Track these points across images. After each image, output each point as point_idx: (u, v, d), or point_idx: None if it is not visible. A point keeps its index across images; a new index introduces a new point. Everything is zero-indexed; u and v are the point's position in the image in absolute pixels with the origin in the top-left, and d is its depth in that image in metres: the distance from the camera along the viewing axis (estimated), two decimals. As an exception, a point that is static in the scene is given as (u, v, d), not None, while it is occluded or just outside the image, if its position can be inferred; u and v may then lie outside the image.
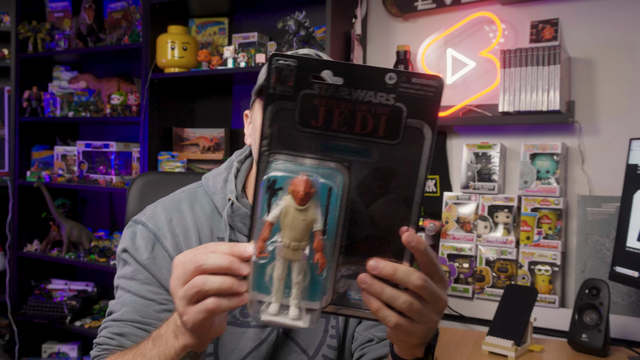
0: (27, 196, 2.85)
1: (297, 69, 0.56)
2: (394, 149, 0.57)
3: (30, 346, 2.85)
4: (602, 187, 1.83)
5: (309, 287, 0.58)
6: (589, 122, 1.87)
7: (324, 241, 0.57)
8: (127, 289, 0.93)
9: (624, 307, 1.71)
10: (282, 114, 0.57)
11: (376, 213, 0.59)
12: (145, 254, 0.93)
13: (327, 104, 0.56)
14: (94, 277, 2.93)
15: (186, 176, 1.41)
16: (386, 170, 0.58)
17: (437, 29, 2.09)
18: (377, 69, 0.56)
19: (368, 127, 0.56)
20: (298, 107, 0.56)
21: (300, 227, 0.56)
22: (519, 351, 1.48)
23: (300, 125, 0.57)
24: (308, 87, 0.56)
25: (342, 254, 0.60)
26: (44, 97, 2.83)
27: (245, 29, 2.52)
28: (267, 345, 0.94)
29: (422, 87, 0.56)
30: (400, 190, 0.58)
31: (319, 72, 0.56)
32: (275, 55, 0.56)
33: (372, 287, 0.58)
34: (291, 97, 0.56)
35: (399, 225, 0.58)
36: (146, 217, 0.97)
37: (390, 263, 0.58)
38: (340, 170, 0.58)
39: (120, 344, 0.88)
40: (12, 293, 2.81)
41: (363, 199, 0.59)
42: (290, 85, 0.56)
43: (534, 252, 1.84)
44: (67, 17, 2.90)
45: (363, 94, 0.56)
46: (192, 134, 2.51)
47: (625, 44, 1.82)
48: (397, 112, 0.56)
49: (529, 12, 1.94)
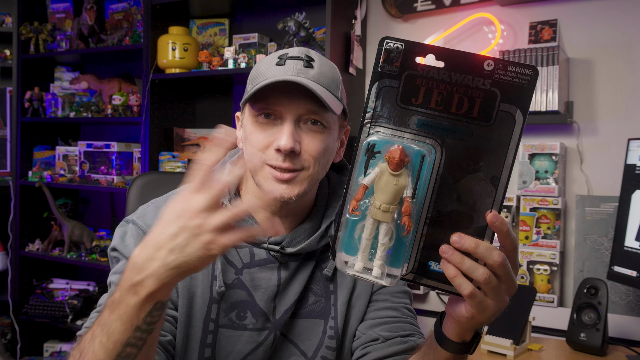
0: (29, 196, 2.85)
1: (404, 51, 0.61)
2: (486, 131, 0.61)
3: (32, 345, 2.85)
4: (601, 187, 1.83)
5: (393, 251, 0.63)
6: (587, 122, 1.87)
7: (412, 205, 0.61)
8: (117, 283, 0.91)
9: (622, 307, 1.71)
10: (386, 91, 0.62)
11: (463, 189, 0.62)
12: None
13: (428, 85, 0.61)
14: (96, 277, 2.93)
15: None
16: (477, 149, 0.61)
17: (437, 29, 2.09)
18: (477, 56, 0.60)
19: (463, 108, 0.60)
20: (401, 85, 0.61)
21: (391, 191, 0.60)
22: (518, 350, 1.48)
23: (401, 102, 0.62)
24: (412, 69, 0.61)
25: (427, 225, 0.63)
26: (46, 98, 2.83)
27: (245, 29, 2.52)
28: (265, 348, 0.93)
29: (517, 74, 0.59)
30: (488, 169, 0.61)
31: (424, 55, 0.60)
32: (386, 38, 0.61)
33: (453, 257, 0.60)
34: (396, 76, 0.61)
35: (484, 203, 0.62)
36: (137, 216, 0.96)
37: (473, 238, 0.60)
38: (434, 146, 0.61)
39: None
40: (14, 292, 2.81)
41: (452, 175, 0.62)
42: (397, 65, 0.61)
43: (533, 252, 1.84)
44: (69, 18, 2.90)
45: (462, 78, 0.60)
46: (193, 134, 2.51)
47: (624, 45, 1.82)
48: (491, 96, 0.60)
49: (528, 13, 1.94)
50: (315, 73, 0.87)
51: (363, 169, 0.61)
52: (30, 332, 2.84)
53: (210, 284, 0.92)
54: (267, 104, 0.87)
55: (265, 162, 0.87)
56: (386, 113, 0.62)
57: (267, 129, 0.87)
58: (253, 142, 0.89)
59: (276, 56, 0.89)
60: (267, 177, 0.88)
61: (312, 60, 0.88)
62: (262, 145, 0.87)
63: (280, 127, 0.86)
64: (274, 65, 0.87)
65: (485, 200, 0.62)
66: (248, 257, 0.94)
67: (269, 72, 0.87)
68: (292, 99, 0.85)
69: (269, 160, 0.87)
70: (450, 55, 0.60)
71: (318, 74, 0.87)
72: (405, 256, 0.63)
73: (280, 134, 0.85)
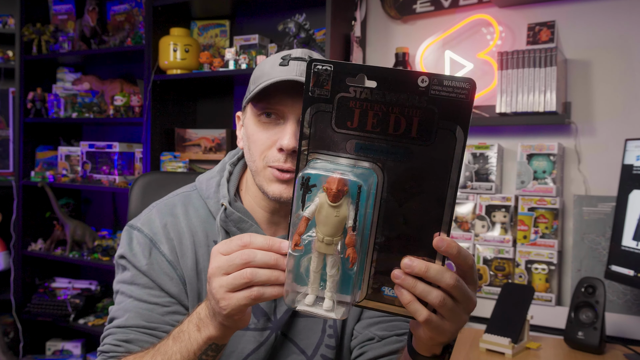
0: (32, 196, 2.85)
1: (334, 73, 0.57)
2: (426, 150, 0.58)
3: (34, 344, 2.85)
4: (598, 187, 1.83)
5: (342, 280, 0.60)
6: (585, 123, 1.87)
7: (356, 237, 0.59)
8: (128, 294, 0.92)
9: (620, 305, 1.71)
10: (320, 116, 0.59)
11: (409, 212, 0.60)
12: (143, 260, 0.92)
13: (362, 107, 0.58)
14: (98, 276, 2.93)
15: (188, 176, 1.40)
16: (418, 170, 0.59)
17: (436, 31, 2.09)
18: (410, 73, 0.56)
19: (401, 129, 0.57)
20: (334, 109, 0.58)
21: (333, 223, 0.58)
22: (516, 349, 1.48)
23: (336, 127, 0.59)
24: (344, 90, 0.57)
25: (377, 251, 0.61)
26: (48, 99, 2.83)
27: (246, 31, 2.52)
28: (266, 348, 0.93)
29: (454, 89, 0.56)
30: (432, 190, 0.59)
31: (354, 75, 0.57)
32: (314, 60, 0.58)
33: (405, 281, 0.59)
34: (328, 100, 0.58)
35: (432, 225, 0.59)
36: (141, 222, 0.96)
37: (423, 261, 0.58)
38: (374, 169, 0.59)
39: (127, 350, 0.87)
40: (16, 291, 2.81)
41: (396, 198, 0.60)
42: (327, 88, 0.58)
43: (531, 251, 1.84)
44: (71, 19, 2.90)
45: (396, 97, 0.57)
46: (194, 135, 2.51)
47: (621, 46, 1.82)
48: (429, 114, 0.57)
49: (526, 15, 1.94)
50: None
51: (300, 204, 0.59)
52: (32, 331, 2.84)
53: None
54: (270, 103, 0.87)
55: (267, 165, 0.87)
56: (323, 139, 0.59)
57: (270, 129, 0.88)
58: (255, 141, 0.89)
59: (279, 57, 0.90)
60: (269, 178, 0.88)
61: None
62: (264, 145, 0.88)
63: (283, 126, 0.87)
64: (277, 65, 0.88)
65: (433, 222, 0.59)
66: None
67: (272, 72, 0.87)
68: (295, 99, 0.85)
69: (271, 162, 0.87)
70: (382, 73, 0.57)
71: None
72: (357, 283, 0.61)
73: (282, 134, 0.86)
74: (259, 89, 0.86)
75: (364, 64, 0.58)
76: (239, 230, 0.94)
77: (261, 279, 0.61)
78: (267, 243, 0.62)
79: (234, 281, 0.62)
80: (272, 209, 0.94)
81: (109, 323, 0.92)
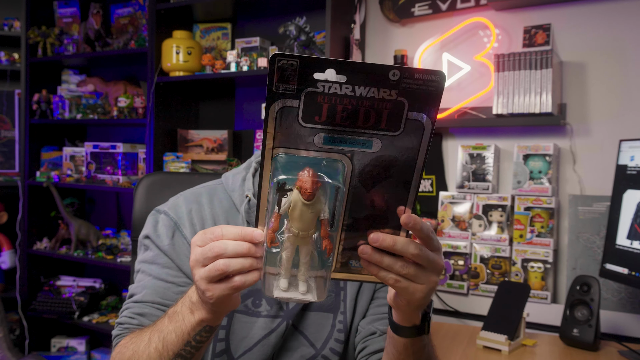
0: (37, 196, 2.85)
1: (299, 67, 0.54)
2: (395, 140, 0.58)
3: (39, 340, 2.85)
4: (593, 186, 1.83)
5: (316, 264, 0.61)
6: (580, 124, 1.87)
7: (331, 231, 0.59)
8: (148, 273, 0.96)
9: (614, 303, 1.71)
10: (286, 111, 0.56)
11: (376, 196, 0.61)
12: (166, 240, 0.96)
13: (331, 101, 0.55)
14: (102, 274, 2.93)
15: (190, 176, 1.41)
16: (387, 158, 0.59)
17: (433, 34, 2.09)
18: (381, 67, 0.54)
19: (370, 121, 0.56)
20: (301, 104, 0.55)
21: (308, 219, 0.58)
22: (512, 345, 1.49)
23: (303, 122, 0.56)
24: (312, 85, 0.54)
25: (345, 231, 0.62)
26: (53, 100, 2.83)
27: (247, 33, 2.52)
28: (277, 335, 0.95)
29: (424, 82, 0.55)
30: (399, 175, 0.60)
31: (323, 70, 0.54)
32: (278, 55, 0.53)
33: (372, 257, 0.62)
34: (295, 96, 0.55)
35: (397, 205, 0.61)
36: (168, 207, 1.00)
37: (390, 235, 0.61)
38: (343, 160, 0.59)
39: (140, 322, 0.91)
40: (22, 289, 2.81)
41: (364, 184, 0.60)
42: (293, 84, 0.54)
43: (527, 250, 1.84)
44: (76, 22, 2.90)
45: (366, 91, 0.55)
46: (197, 136, 2.51)
47: (615, 49, 1.82)
48: (399, 106, 0.56)
49: (522, 18, 1.94)
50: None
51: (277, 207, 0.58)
52: (38, 328, 2.84)
53: None
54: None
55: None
56: (288, 135, 0.57)
57: None
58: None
59: None
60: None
61: None
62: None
63: None
64: None
65: (399, 201, 0.61)
66: None
67: None
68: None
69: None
70: (352, 67, 0.54)
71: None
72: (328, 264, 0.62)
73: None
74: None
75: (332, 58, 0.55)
76: None
77: (235, 269, 0.62)
78: (239, 233, 0.62)
79: (210, 273, 0.62)
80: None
81: (128, 299, 0.96)
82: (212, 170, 2.47)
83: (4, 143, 3.05)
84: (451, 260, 1.97)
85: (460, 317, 1.95)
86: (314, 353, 0.98)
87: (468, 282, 1.95)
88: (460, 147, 2.01)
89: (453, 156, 2.05)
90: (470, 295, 1.96)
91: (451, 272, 1.97)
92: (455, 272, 1.97)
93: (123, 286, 2.88)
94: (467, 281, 1.95)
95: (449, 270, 1.98)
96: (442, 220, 2.00)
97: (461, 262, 1.96)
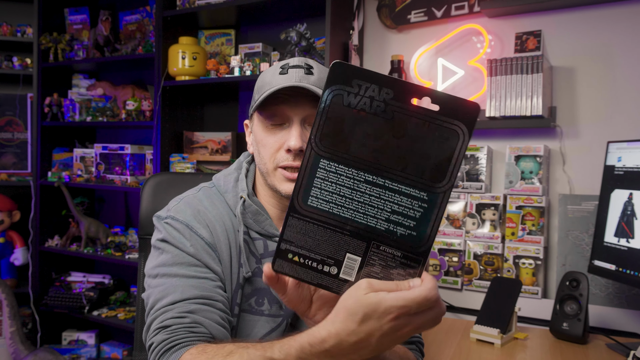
0: (49, 195, 2.85)
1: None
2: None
3: (51, 334, 2.85)
4: (582, 186, 1.83)
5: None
6: (569, 126, 1.87)
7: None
8: (172, 274, 0.88)
9: (602, 298, 1.71)
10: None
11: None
12: (186, 242, 0.91)
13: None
14: (110, 270, 2.93)
15: (196, 176, 1.41)
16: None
17: (429, 39, 2.09)
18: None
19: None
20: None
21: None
22: (505, 339, 1.48)
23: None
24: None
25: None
26: (64, 103, 2.83)
27: (250, 39, 2.52)
28: (277, 334, 0.95)
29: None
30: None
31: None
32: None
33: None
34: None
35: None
36: (172, 212, 0.95)
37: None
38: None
39: (193, 320, 0.82)
40: (34, 285, 2.81)
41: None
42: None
43: (519, 247, 1.84)
44: (86, 28, 2.90)
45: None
46: (201, 137, 2.51)
47: (603, 54, 1.82)
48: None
49: (514, 24, 1.94)
50: (316, 79, 0.90)
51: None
52: (49, 322, 2.84)
53: (238, 271, 0.94)
54: (275, 109, 0.90)
55: (278, 165, 0.91)
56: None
57: (277, 133, 0.91)
58: (265, 145, 0.92)
59: (278, 66, 0.93)
60: (279, 179, 0.92)
61: (312, 67, 0.92)
62: (273, 148, 0.91)
63: (289, 129, 0.90)
64: (277, 74, 0.90)
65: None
66: (262, 249, 0.96)
67: (274, 81, 0.90)
68: (297, 103, 0.89)
69: (281, 162, 0.90)
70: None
71: (318, 79, 0.90)
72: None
73: (289, 136, 0.89)
74: (264, 97, 0.89)
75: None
76: (256, 223, 0.96)
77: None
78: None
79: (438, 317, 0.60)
80: (283, 207, 0.98)
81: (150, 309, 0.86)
82: (217, 170, 2.46)
83: (17, 145, 3.05)
84: (446, 257, 1.97)
85: (454, 312, 1.95)
86: None
87: (462, 278, 1.95)
88: (454, 149, 2.00)
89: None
90: (464, 291, 1.96)
91: (446, 269, 1.97)
92: (450, 269, 1.97)
93: (131, 282, 2.88)
94: (461, 277, 1.95)
95: (443, 266, 1.98)
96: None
97: (455, 258, 1.96)
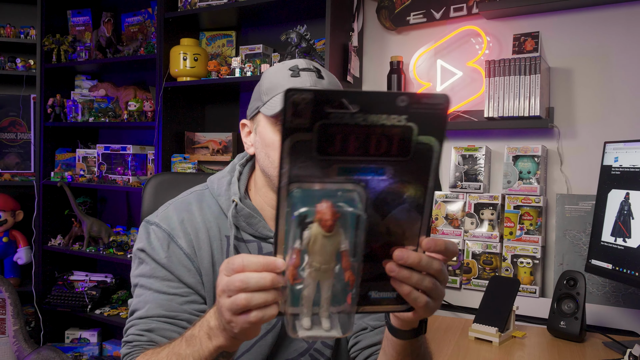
0: (51, 195, 2.86)
1: (312, 102, 0.52)
2: (405, 164, 0.56)
3: (54, 332, 2.85)
4: (579, 186, 1.83)
5: (339, 298, 0.58)
6: (567, 126, 1.87)
7: (353, 262, 0.57)
8: (147, 287, 0.91)
9: (599, 297, 1.71)
10: (300, 146, 0.53)
11: (391, 222, 0.58)
12: (162, 253, 0.92)
13: (343, 132, 0.53)
14: (113, 269, 2.93)
15: (197, 176, 1.41)
16: (399, 184, 0.57)
17: (428, 41, 2.09)
18: (390, 94, 0.54)
19: (382, 148, 0.55)
20: (315, 137, 0.53)
21: (329, 251, 0.55)
22: (503, 337, 1.49)
23: (317, 154, 0.54)
24: (324, 118, 0.52)
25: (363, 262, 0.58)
26: (67, 104, 2.83)
27: (251, 41, 2.52)
28: (273, 335, 0.95)
29: (431, 106, 0.54)
30: (412, 200, 0.58)
31: (335, 102, 0.52)
32: (291, 90, 0.51)
33: (401, 273, 0.59)
34: (308, 129, 0.53)
35: (412, 229, 0.59)
36: (159, 218, 0.96)
37: (416, 253, 0.59)
38: (357, 189, 0.56)
39: (149, 339, 0.87)
40: (37, 284, 2.82)
41: (380, 212, 0.58)
42: (307, 117, 0.52)
43: (517, 246, 1.84)
44: (88, 30, 2.90)
45: (377, 118, 0.53)
46: (203, 138, 2.52)
47: (600, 55, 1.82)
48: (408, 131, 0.55)
49: (512, 26, 1.94)
50: (327, 83, 0.92)
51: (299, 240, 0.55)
52: (52, 321, 2.84)
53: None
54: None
55: None
56: (303, 168, 0.54)
57: None
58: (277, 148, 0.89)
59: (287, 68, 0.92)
60: None
61: (320, 71, 0.93)
62: None
63: None
64: (289, 77, 0.90)
65: (414, 227, 0.59)
66: (256, 251, 0.95)
67: (287, 83, 0.89)
68: None
69: None
70: (363, 97, 0.53)
71: (329, 84, 0.92)
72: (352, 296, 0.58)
73: None
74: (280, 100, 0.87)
75: (344, 90, 0.53)
76: (249, 225, 0.95)
77: (257, 302, 0.57)
78: (261, 264, 0.57)
79: (233, 305, 0.59)
80: None
81: (130, 316, 0.91)
82: (218, 170, 2.46)
83: (20, 145, 3.05)
84: (444, 256, 1.97)
85: (453, 310, 1.95)
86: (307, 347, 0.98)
87: (461, 277, 1.95)
88: (453, 149, 2.01)
89: (446, 157, 2.05)
90: (462, 290, 1.96)
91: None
92: (449, 268, 1.97)
93: (133, 281, 2.89)
94: (460, 276, 1.95)
95: (442, 265, 1.98)
96: (436, 218, 2.00)
97: (454, 258, 1.96)
